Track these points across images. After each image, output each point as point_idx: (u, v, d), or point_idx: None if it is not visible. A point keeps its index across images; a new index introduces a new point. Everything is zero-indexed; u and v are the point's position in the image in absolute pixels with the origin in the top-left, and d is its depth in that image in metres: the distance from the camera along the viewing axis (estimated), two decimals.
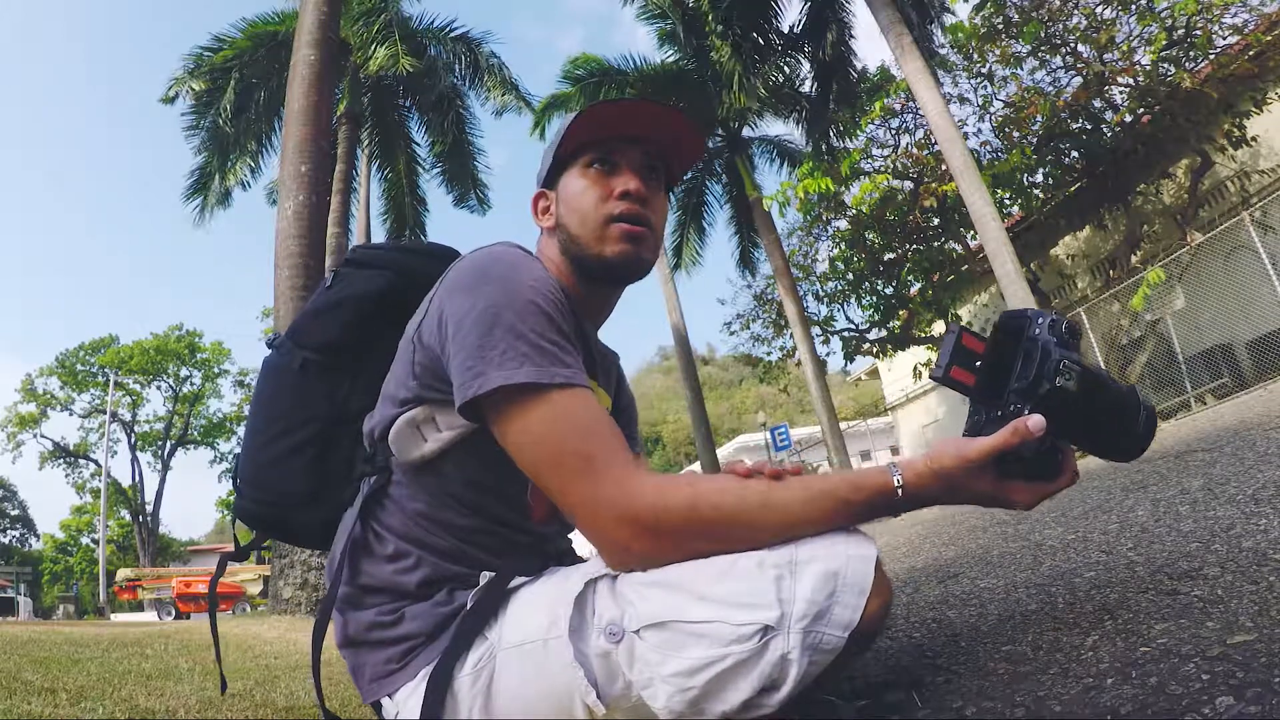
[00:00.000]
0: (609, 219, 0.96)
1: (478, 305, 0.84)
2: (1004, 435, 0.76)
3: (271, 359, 1.09)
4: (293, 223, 5.79)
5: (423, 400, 0.91)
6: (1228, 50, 8.93)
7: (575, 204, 0.99)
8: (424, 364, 0.90)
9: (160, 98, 11.85)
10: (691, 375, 15.67)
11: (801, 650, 0.70)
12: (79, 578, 35.27)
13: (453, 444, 0.90)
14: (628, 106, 0.98)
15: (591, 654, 0.77)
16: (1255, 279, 8.41)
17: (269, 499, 1.04)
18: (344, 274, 1.09)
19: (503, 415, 0.82)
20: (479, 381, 0.81)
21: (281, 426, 1.04)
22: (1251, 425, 3.21)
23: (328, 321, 1.06)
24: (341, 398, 1.05)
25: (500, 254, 0.91)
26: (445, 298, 0.89)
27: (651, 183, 1.01)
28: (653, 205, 1.00)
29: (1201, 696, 0.70)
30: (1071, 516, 2.14)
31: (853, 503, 0.77)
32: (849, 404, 31.66)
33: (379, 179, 13.68)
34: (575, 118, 0.98)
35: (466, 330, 0.84)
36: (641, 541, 0.77)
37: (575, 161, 1.01)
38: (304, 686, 2.00)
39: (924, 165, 11.21)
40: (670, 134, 1.01)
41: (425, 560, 0.91)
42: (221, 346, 32.74)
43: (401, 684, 0.86)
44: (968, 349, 0.84)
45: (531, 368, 0.81)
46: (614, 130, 0.99)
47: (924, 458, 0.79)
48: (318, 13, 6.41)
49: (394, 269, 1.08)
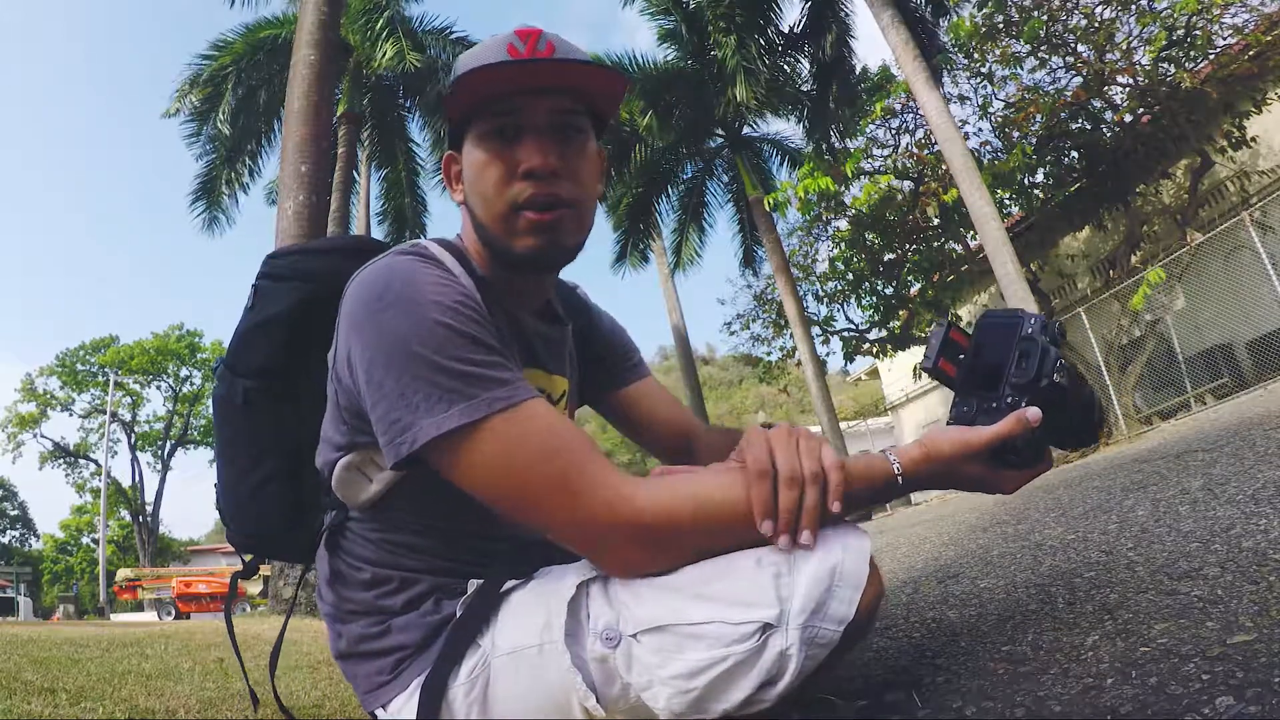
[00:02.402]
0: (513, 207, 0.84)
1: (384, 341, 0.75)
2: (1008, 425, 0.79)
3: (217, 390, 0.99)
4: (293, 223, 5.80)
5: (355, 446, 0.85)
6: (1228, 50, 8.93)
7: (476, 185, 0.87)
8: (347, 406, 0.83)
9: (163, 113, 11.90)
10: (691, 375, 15.69)
11: (800, 645, 0.70)
12: (79, 578, 35.26)
13: (399, 480, 0.85)
14: (517, 68, 0.82)
15: (588, 658, 0.76)
16: (1255, 279, 8.40)
17: (252, 530, 1.02)
18: (262, 289, 0.97)
19: (447, 463, 0.75)
20: (408, 436, 0.74)
21: (243, 463, 0.99)
22: (1251, 425, 3.21)
23: (255, 346, 0.96)
24: (293, 426, 0.97)
25: (394, 270, 0.80)
26: (348, 333, 0.80)
27: (568, 140, 0.87)
28: (572, 173, 0.86)
29: (1201, 696, 0.70)
30: (1071, 516, 2.13)
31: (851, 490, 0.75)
32: (849, 404, 31.65)
33: (379, 179, 13.69)
34: (460, 78, 0.83)
35: (379, 374, 0.75)
36: (637, 552, 0.75)
37: (473, 124, 0.87)
38: (303, 686, 1.99)
39: (924, 165, 11.20)
40: (579, 78, 0.86)
41: (407, 581, 0.88)
42: (222, 346, 32.63)
43: (394, 695, 0.85)
44: (955, 343, 0.89)
45: (462, 404, 0.73)
46: (509, 89, 0.84)
47: (918, 445, 0.80)
48: (318, 13, 6.41)
49: (308, 278, 0.95)
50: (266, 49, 11.44)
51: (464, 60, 0.88)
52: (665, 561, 0.75)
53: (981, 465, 0.81)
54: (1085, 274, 12.20)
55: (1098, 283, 11.51)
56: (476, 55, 0.87)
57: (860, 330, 13.87)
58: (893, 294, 12.89)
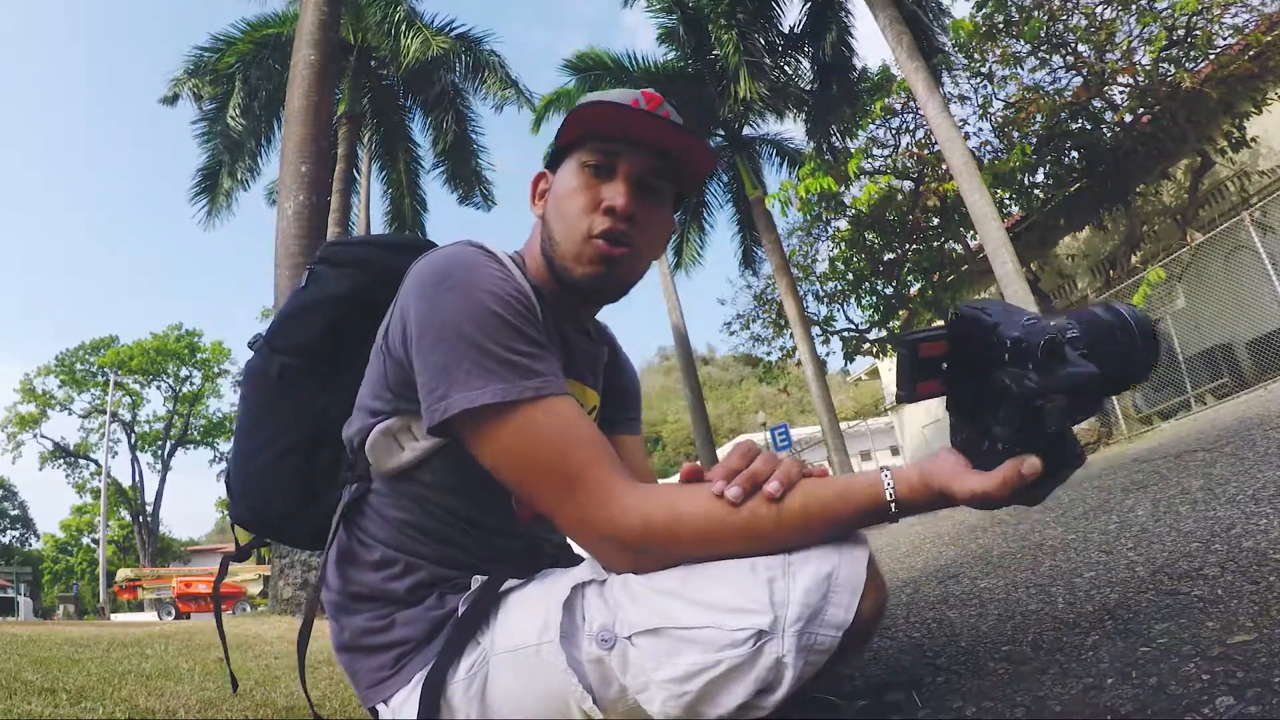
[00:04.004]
0: (588, 235, 0.91)
1: (438, 318, 0.81)
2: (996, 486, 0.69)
3: (252, 363, 1.06)
4: (293, 223, 5.79)
5: (398, 411, 0.89)
6: (1228, 50, 8.92)
7: (561, 206, 0.94)
8: (395, 375, 0.88)
9: (160, 98, 11.86)
10: (691, 375, 15.67)
11: (796, 653, 0.70)
12: (79, 578, 35.25)
13: (431, 453, 0.89)
14: (642, 119, 0.91)
15: (584, 659, 0.77)
16: (1255, 279, 8.40)
17: (260, 507, 1.03)
18: (318, 273, 1.05)
19: (474, 436, 0.81)
20: (443, 405, 0.79)
21: (265, 435, 1.02)
22: (1251, 425, 3.21)
23: (303, 324, 1.02)
24: (323, 404, 1.02)
25: (458, 256, 0.86)
26: (406, 306, 0.86)
27: (649, 196, 0.94)
28: (644, 222, 0.93)
29: (1201, 696, 0.70)
30: (1071, 516, 2.14)
31: (842, 515, 0.74)
32: (849, 404, 31.65)
33: (380, 179, 13.69)
34: (582, 107, 0.92)
35: (428, 346, 0.81)
36: (626, 559, 0.78)
37: (575, 151, 0.95)
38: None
39: (925, 164, 11.20)
40: (681, 148, 0.94)
41: (413, 566, 0.89)
42: (221, 346, 32.78)
43: (395, 689, 0.86)
44: (926, 360, 0.75)
45: (498, 385, 0.78)
46: (621, 132, 0.92)
47: (920, 473, 0.74)
48: (318, 13, 6.41)
49: (364, 267, 1.03)
50: (269, 46, 11.45)
51: (590, 96, 0.97)
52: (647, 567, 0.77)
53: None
54: (1085, 274, 12.20)
55: (1098, 283, 11.52)
56: (603, 94, 0.96)
57: (860, 330, 13.87)
58: (893, 294, 12.89)
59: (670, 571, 0.76)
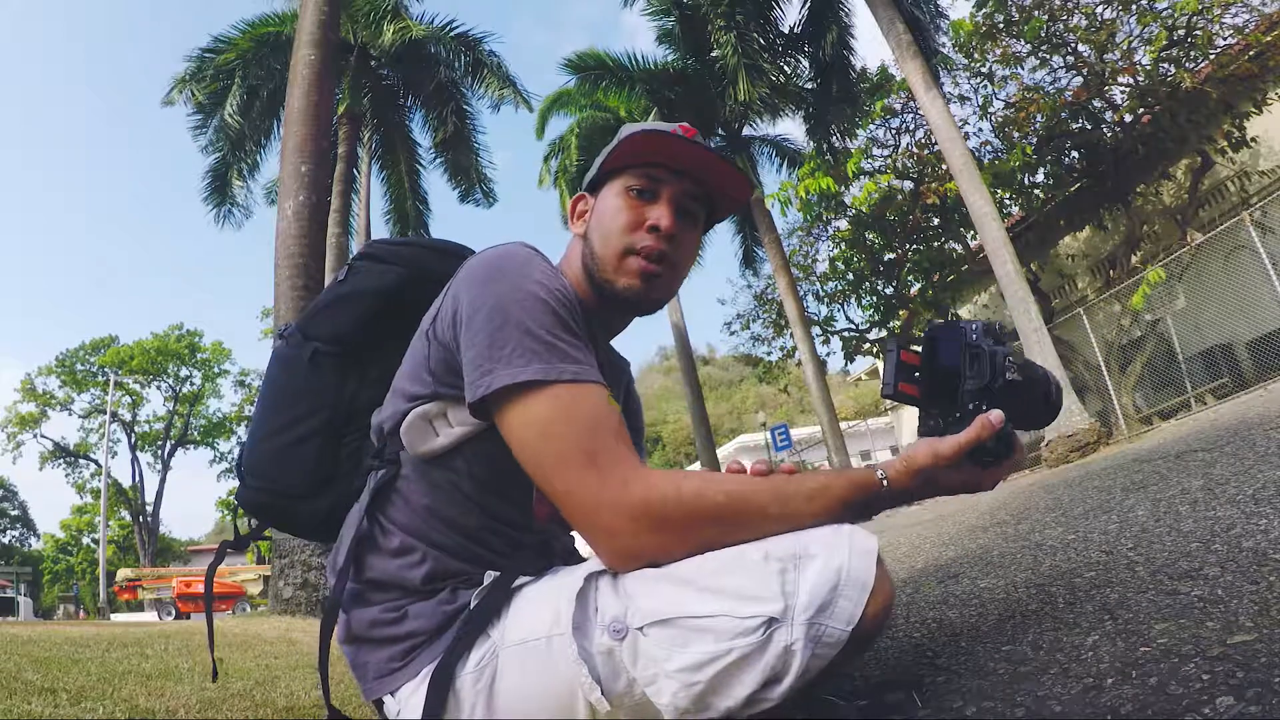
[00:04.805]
0: (630, 250, 0.97)
1: (489, 302, 0.86)
2: (974, 431, 0.83)
3: (281, 349, 1.09)
4: (293, 223, 5.79)
5: (437, 396, 0.91)
6: (1228, 50, 8.93)
7: (605, 223, 0.99)
8: (440, 359, 0.91)
9: (162, 100, 11.85)
10: (691, 375, 15.68)
11: (805, 642, 0.71)
12: (79, 578, 35.28)
13: (464, 440, 0.91)
14: (684, 146, 0.97)
15: (595, 651, 0.77)
16: (1255, 279, 8.40)
17: (272, 488, 1.05)
18: (358, 267, 1.10)
19: (509, 412, 0.83)
20: (487, 380, 0.83)
21: (288, 417, 1.05)
22: (1251, 425, 3.21)
23: (339, 314, 1.07)
24: (350, 391, 1.06)
25: (512, 252, 0.92)
26: (459, 294, 0.90)
27: (686, 221, 1.01)
28: (680, 244, 1.00)
29: (1201, 696, 0.70)
30: (1071, 516, 2.14)
31: (847, 499, 0.80)
32: (849, 404, 31.65)
33: (380, 179, 13.68)
34: (632, 135, 0.98)
35: (478, 328, 0.85)
36: (647, 535, 0.78)
37: (619, 176, 1.01)
38: (303, 686, 2.00)
39: (925, 164, 11.20)
40: (720, 175, 1.01)
41: (430, 556, 0.91)
42: (221, 346, 32.83)
43: (403, 682, 0.86)
44: (907, 364, 0.92)
45: (539, 364, 0.82)
46: (664, 159, 0.99)
47: (902, 458, 0.85)
48: (318, 13, 6.41)
49: (407, 265, 1.08)
50: (270, 46, 11.45)
51: (633, 126, 1.02)
52: (670, 549, 0.78)
53: (958, 470, 0.84)
54: (1085, 274, 12.21)
55: (1098, 283, 11.52)
56: (645, 125, 1.01)
57: (860, 330, 13.87)
58: (893, 294, 12.90)
59: (682, 562, 0.77)
